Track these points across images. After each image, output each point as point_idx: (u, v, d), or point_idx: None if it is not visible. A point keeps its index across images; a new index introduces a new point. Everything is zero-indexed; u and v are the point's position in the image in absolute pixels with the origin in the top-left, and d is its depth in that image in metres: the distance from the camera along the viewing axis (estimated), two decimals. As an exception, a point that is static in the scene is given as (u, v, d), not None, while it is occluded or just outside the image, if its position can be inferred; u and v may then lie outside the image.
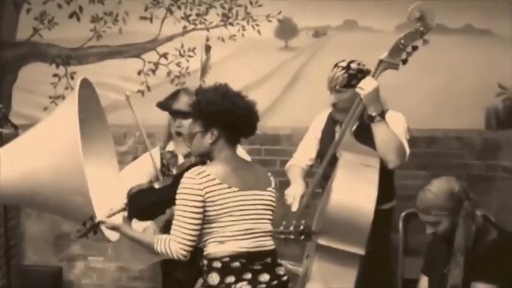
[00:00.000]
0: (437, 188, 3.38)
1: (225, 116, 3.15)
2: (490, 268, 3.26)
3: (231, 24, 5.33)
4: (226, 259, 3.09)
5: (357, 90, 3.73)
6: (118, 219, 3.42)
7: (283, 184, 4.10)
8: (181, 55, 5.41)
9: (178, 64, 5.42)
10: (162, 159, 4.12)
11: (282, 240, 3.42)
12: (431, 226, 3.40)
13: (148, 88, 5.44)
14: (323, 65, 4.38)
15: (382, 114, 3.73)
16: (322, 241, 3.36)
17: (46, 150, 3.64)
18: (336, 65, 3.94)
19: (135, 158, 4.48)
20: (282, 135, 5.13)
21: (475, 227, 3.36)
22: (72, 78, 5.42)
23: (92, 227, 3.40)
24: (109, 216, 3.40)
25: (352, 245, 3.33)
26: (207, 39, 4.61)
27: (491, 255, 3.27)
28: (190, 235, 3.09)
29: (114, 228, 3.40)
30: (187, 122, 3.76)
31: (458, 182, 3.41)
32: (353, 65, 3.89)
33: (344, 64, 3.90)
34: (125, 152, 5.14)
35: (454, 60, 5.04)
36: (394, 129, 3.75)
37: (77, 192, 3.45)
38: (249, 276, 3.10)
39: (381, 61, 3.73)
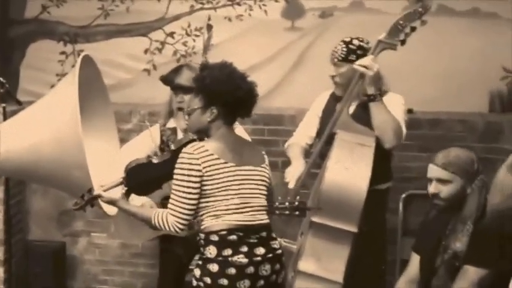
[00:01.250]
0: (462, 151, 3.41)
1: (228, 96, 3.17)
2: (482, 252, 3.25)
3: (238, 4, 5.33)
4: (223, 232, 3.13)
5: (363, 70, 3.70)
6: (116, 194, 3.45)
7: (286, 164, 4.10)
8: (187, 34, 5.41)
9: (184, 43, 5.43)
10: (162, 136, 4.15)
11: (276, 215, 3.46)
12: (439, 184, 3.36)
13: (155, 67, 5.46)
14: (329, 46, 4.36)
15: (381, 95, 3.74)
16: (315, 218, 3.39)
17: (47, 125, 3.69)
18: (341, 40, 3.97)
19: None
20: (286, 116, 5.12)
21: (484, 202, 3.37)
22: (79, 56, 5.41)
23: (89, 200, 3.43)
24: (106, 190, 3.41)
25: (345, 222, 3.36)
26: (209, 18, 4.62)
27: (483, 239, 3.27)
28: (187, 209, 3.13)
29: (111, 202, 3.42)
30: (188, 97, 3.78)
31: None
32: (355, 41, 3.91)
33: (347, 39, 3.94)
34: (129, 129, 5.15)
35: (460, 43, 5.02)
36: (392, 110, 3.75)
37: (76, 166, 3.50)
38: (245, 249, 3.14)
39: (379, 41, 3.72)
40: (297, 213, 3.44)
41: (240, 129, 3.90)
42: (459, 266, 3.31)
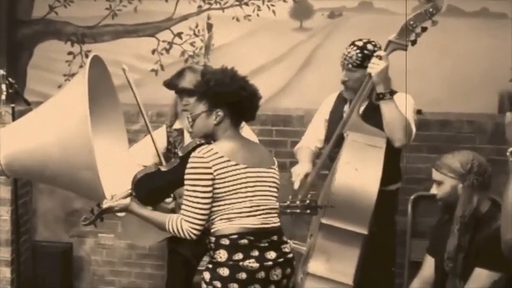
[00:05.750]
0: (460, 154, 3.46)
1: (233, 97, 3.16)
2: (494, 255, 3.23)
3: (246, 4, 5.31)
4: (234, 236, 3.10)
5: (368, 69, 3.72)
6: (126, 200, 3.42)
7: (293, 165, 4.10)
8: (195, 35, 5.40)
9: (192, 44, 5.41)
10: (168, 137, 4.15)
11: (287, 214, 3.45)
12: (436, 186, 3.46)
13: (162, 67, 5.45)
14: (337, 47, 4.35)
15: (391, 93, 3.73)
16: (325, 220, 3.38)
17: (56, 125, 3.66)
18: (352, 43, 3.93)
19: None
20: (294, 116, 5.11)
21: (476, 202, 3.36)
22: (86, 56, 5.44)
23: (99, 214, 3.39)
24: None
25: (355, 224, 3.35)
26: (208, 18, 4.60)
27: (496, 243, 3.25)
28: (201, 214, 3.10)
29: (123, 209, 3.38)
30: (193, 100, 3.75)
31: (483, 159, 3.47)
32: (369, 46, 3.88)
33: (360, 44, 3.90)
34: (137, 130, 5.15)
35: (469, 44, 5.01)
36: (402, 110, 3.74)
37: (86, 167, 3.46)
38: (256, 253, 3.12)
39: (389, 42, 3.74)
40: (308, 211, 3.42)
41: (246, 129, 3.89)
42: (450, 268, 3.32)
